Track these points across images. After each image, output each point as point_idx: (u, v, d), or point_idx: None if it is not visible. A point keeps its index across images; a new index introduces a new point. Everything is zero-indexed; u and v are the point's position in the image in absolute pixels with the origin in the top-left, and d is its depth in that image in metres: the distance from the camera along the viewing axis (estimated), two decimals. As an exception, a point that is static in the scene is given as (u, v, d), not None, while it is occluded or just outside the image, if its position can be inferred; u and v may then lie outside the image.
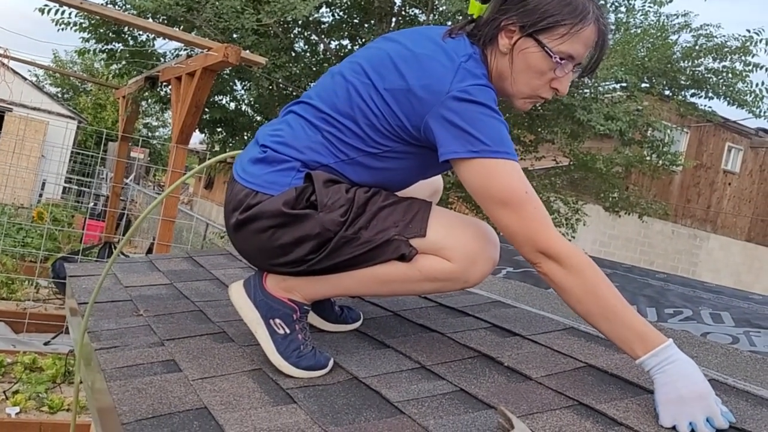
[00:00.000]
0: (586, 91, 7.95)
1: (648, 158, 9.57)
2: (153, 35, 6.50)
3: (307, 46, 8.11)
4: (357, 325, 1.79)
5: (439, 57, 1.36)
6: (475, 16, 1.46)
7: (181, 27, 6.07)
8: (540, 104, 7.87)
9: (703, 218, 17.23)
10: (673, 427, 1.17)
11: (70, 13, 6.85)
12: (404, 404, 1.31)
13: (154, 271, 2.47)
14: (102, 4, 5.87)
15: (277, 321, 1.48)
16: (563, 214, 9.64)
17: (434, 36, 1.43)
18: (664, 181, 15.34)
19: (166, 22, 6.03)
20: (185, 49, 4.75)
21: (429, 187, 1.80)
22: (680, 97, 8.87)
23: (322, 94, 1.49)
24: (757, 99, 8.21)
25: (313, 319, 1.72)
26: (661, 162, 9.61)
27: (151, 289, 2.16)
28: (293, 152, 1.45)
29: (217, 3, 5.69)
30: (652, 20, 8.58)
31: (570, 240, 9.06)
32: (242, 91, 7.98)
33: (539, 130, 8.88)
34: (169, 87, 5.11)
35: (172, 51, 7.32)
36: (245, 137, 8.14)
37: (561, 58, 1.37)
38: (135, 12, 5.85)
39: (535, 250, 1.32)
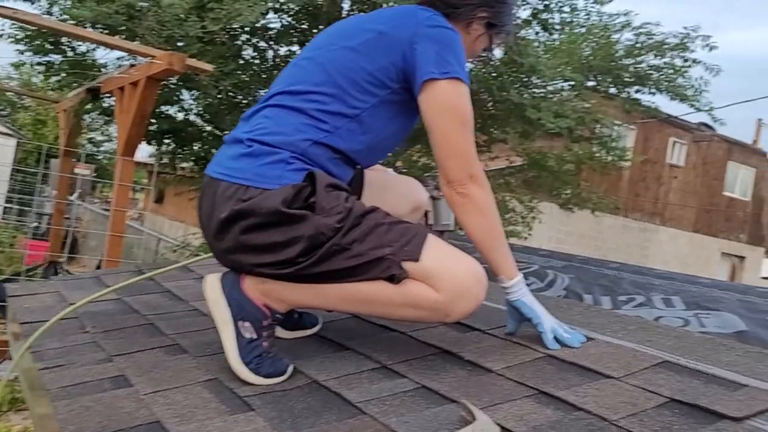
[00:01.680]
0: (536, 90, 8.08)
1: (597, 154, 9.77)
2: (93, 45, 6.33)
3: (255, 53, 8.02)
4: (316, 329, 1.76)
5: (397, 9, 1.58)
6: None
7: (123, 36, 5.91)
8: (491, 104, 8.03)
9: (651, 211, 17.70)
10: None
11: (3, 24, 6.63)
12: (365, 404, 1.28)
13: (101, 287, 2.38)
14: (38, 14, 5.68)
15: (246, 324, 1.43)
16: (519, 212, 9.75)
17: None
18: (614, 177, 15.69)
19: (106, 31, 5.87)
20: (128, 59, 4.64)
21: (410, 203, 1.85)
22: (625, 94, 9.08)
23: (292, 81, 1.53)
24: (697, 93, 8.46)
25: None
26: (609, 158, 9.81)
27: (98, 305, 2.08)
28: (282, 138, 1.44)
29: (159, 11, 5.56)
30: (596, 20, 8.78)
31: (525, 238, 9.22)
32: (190, 101, 7.84)
33: (492, 130, 8.97)
34: (113, 98, 4.98)
35: (114, 61, 7.16)
36: (194, 148, 7.98)
37: (491, 53, 1.68)
38: (73, 21, 5.68)
39: (468, 172, 1.47)
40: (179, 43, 6.09)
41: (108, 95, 5.32)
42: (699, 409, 1.18)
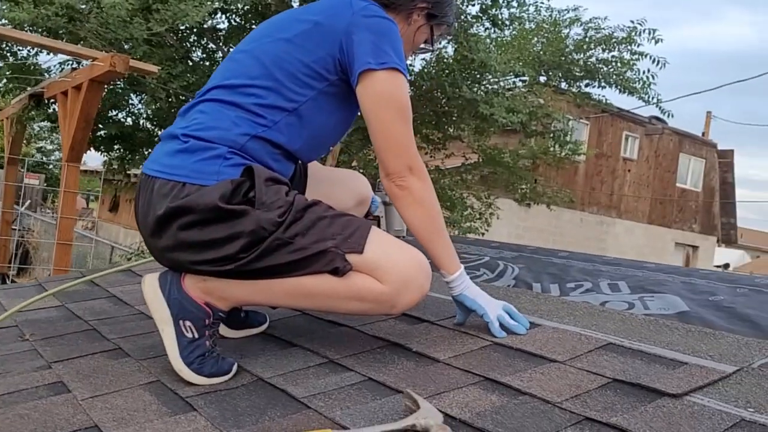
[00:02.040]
0: (488, 86, 8.16)
1: (552, 149, 9.92)
2: (34, 49, 6.14)
3: (204, 54, 7.91)
4: (263, 327, 1.74)
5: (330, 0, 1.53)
6: None
7: (65, 39, 5.75)
8: (444, 101, 8.09)
9: (607, 205, 18.06)
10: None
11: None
12: (310, 399, 1.26)
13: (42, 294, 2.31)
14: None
15: (187, 323, 1.39)
16: (477, 209, 9.85)
17: None
18: (569, 171, 15.97)
19: (47, 34, 5.70)
20: (70, 62, 4.52)
21: (355, 195, 1.83)
22: (575, 88, 9.25)
23: (228, 74, 1.49)
24: (645, 86, 8.67)
25: (216, 325, 1.64)
26: (563, 152, 9.98)
27: (39, 313, 2.01)
28: (218, 133, 1.40)
29: (101, 12, 5.42)
30: (545, 15, 8.93)
31: (483, 234, 9.30)
32: (139, 105, 7.68)
33: (446, 127, 9.03)
34: (57, 103, 4.84)
35: (58, 65, 6.97)
36: (145, 153, 7.83)
37: (432, 46, 1.67)
38: (10, 24, 5.50)
39: (407, 164, 1.46)
40: (125, 46, 5.96)
41: (52, 100, 5.17)
42: (640, 388, 1.20)
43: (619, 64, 8.55)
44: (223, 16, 7.67)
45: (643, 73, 8.65)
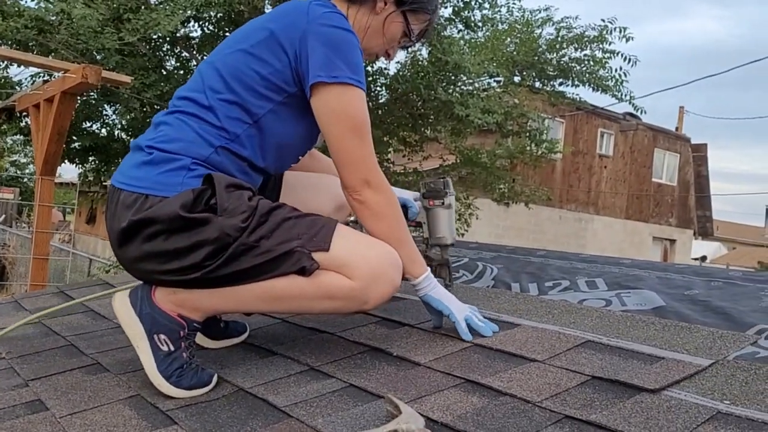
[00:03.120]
0: (463, 87, 8.21)
1: (528, 148, 10.00)
2: (4, 62, 6.05)
3: (178, 63, 7.84)
4: (243, 337, 1.73)
5: (290, 4, 1.50)
6: None
7: (35, 51, 5.67)
8: (420, 103, 8.11)
9: (585, 201, 18.24)
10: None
11: None
12: (292, 408, 1.26)
13: (20, 311, 2.28)
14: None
15: (162, 337, 1.38)
16: (456, 210, 9.87)
17: None
18: (547, 170, 16.10)
19: (17, 47, 5.62)
20: (42, 74, 4.46)
21: (333, 199, 1.79)
22: (549, 87, 9.33)
23: (193, 86, 1.49)
24: (618, 83, 8.78)
25: (197, 337, 1.63)
26: (540, 151, 10.06)
27: (15, 330, 1.98)
28: (182, 146, 1.40)
29: (72, 24, 5.35)
30: (517, 16, 9.00)
31: (462, 235, 9.33)
32: (113, 116, 7.60)
33: (423, 129, 9.06)
34: (29, 117, 4.77)
35: (30, 78, 6.87)
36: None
37: (412, 38, 1.57)
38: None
39: (363, 178, 1.45)
40: (97, 56, 5.89)
41: (24, 113, 5.10)
42: (619, 384, 1.21)
43: (591, 63, 8.65)
44: (196, 24, 7.63)
45: (616, 71, 8.76)
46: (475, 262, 2.46)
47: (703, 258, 25.96)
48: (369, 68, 7.86)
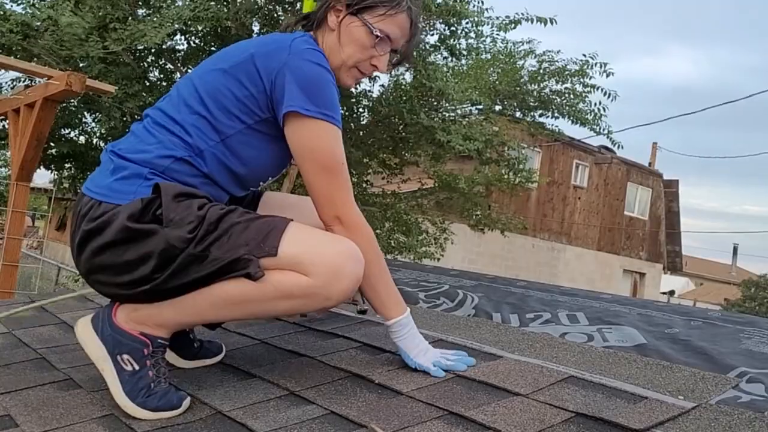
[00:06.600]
0: (445, 113, 8.29)
1: (506, 176, 10.10)
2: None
3: (162, 75, 7.80)
4: (219, 357, 1.69)
5: (275, 35, 1.51)
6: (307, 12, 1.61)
7: (18, 56, 5.59)
8: (401, 127, 8.16)
9: (558, 231, 18.42)
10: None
11: None
12: (271, 434, 1.23)
13: (-11, 320, 2.21)
14: None
15: (125, 357, 1.35)
16: (432, 234, 9.91)
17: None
18: (522, 198, 16.25)
19: (0, 51, 5.54)
20: (23, 79, 4.39)
21: (309, 223, 1.76)
22: (530, 117, 9.47)
23: (168, 99, 1.50)
24: (596, 117, 8.94)
25: (168, 355, 1.59)
26: (517, 179, 10.17)
27: (-17, 340, 1.92)
28: (143, 155, 1.39)
29: (57, 30, 5.29)
30: (501, 47, 9.14)
31: (438, 259, 9.36)
32: (93, 124, 7.51)
33: (403, 153, 9.11)
34: (7, 121, 4.69)
35: (9, 82, 6.76)
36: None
37: (379, 36, 1.51)
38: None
39: (333, 215, 1.45)
40: (80, 63, 5.83)
41: (2, 117, 5.01)
42: (603, 422, 1.21)
43: (571, 96, 8.80)
44: (182, 38, 7.60)
45: (595, 105, 8.92)
46: (455, 289, 2.46)
47: (672, 292, 26.32)
48: (353, 90, 7.90)
